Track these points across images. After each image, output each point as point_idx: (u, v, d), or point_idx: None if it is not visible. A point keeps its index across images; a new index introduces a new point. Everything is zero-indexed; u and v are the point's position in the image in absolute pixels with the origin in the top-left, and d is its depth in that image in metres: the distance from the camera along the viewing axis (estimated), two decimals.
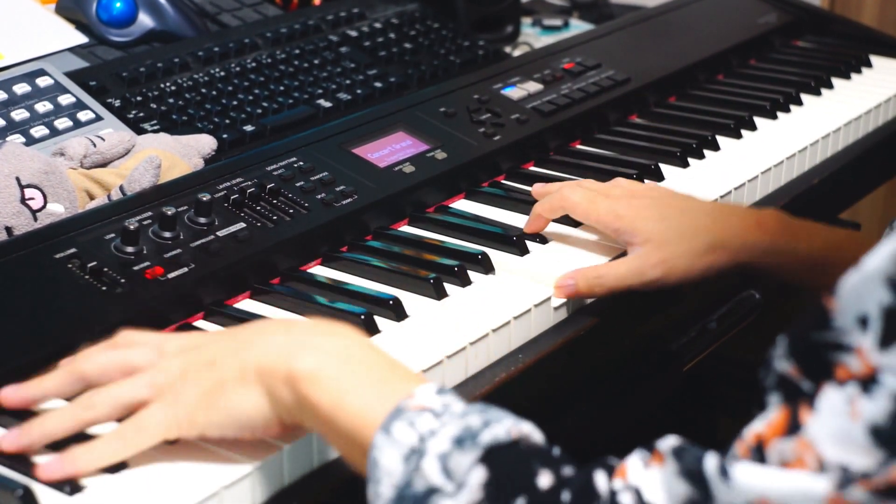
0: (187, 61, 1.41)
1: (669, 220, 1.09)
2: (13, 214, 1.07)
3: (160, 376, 0.82)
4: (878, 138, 1.56)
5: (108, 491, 0.80)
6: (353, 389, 0.78)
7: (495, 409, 0.76)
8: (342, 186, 1.17)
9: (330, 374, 0.79)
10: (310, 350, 0.80)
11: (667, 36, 1.68)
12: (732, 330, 1.33)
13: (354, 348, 0.81)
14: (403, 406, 0.76)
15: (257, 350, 0.81)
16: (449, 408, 0.76)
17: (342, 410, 0.78)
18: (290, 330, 0.83)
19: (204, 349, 0.83)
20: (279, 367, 0.80)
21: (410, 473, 0.73)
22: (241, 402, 0.80)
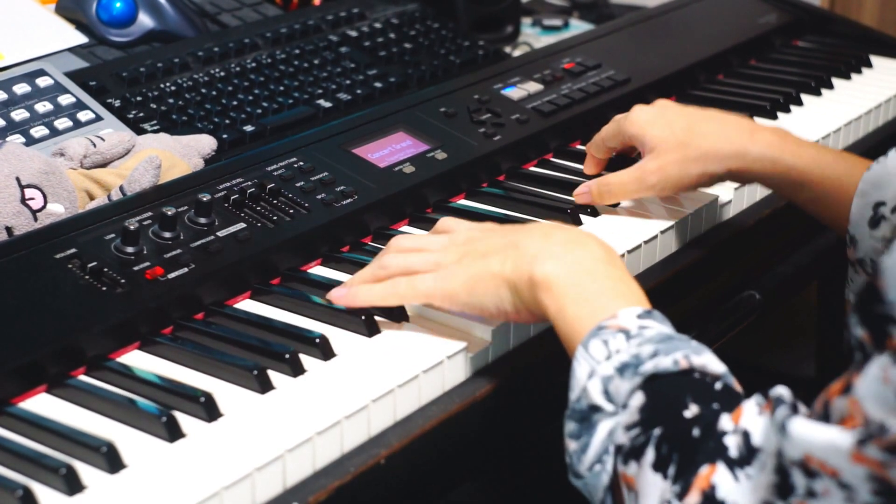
0: (187, 61, 1.41)
1: (675, 126, 1.19)
2: (13, 214, 1.07)
3: (444, 258, 0.96)
4: (878, 138, 1.56)
5: (109, 491, 0.80)
6: (573, 300, 0.88)
7: (680, 339, 0.83)
8: (342, 186, 1.17)
9: (559, 283, 0.89)
10: (550, 258, 0.91)
11: (667, 36, 1.68)
12: (732, 330, 1.32)
13: (589, 262, 0.90)
14: (604, 324, 0.85)
15: (517, 252, 0.93)
16: (643, 331, 0.83)
17: (562, 317, 0.88)
18: (547, 236, 0.94)
19: (482, 242, 0.96)
20: (525, 270, 0.91)
21: (580, 391, 0.83)
22: (497, 293, 0.93)
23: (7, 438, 0.85)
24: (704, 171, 1.17)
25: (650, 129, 1.19)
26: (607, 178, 1.20)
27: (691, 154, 1.17)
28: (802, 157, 1.16)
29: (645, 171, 1.18)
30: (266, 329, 0.99)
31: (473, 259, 0.95)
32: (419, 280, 0.96)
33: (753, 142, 1.16)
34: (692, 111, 1.22)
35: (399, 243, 1.01)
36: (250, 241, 1.07)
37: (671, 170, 1.17)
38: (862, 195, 1.13)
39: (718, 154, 1.16)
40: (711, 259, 1.23)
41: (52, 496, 0.79)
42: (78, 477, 0.80)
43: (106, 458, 0.81)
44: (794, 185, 1.16)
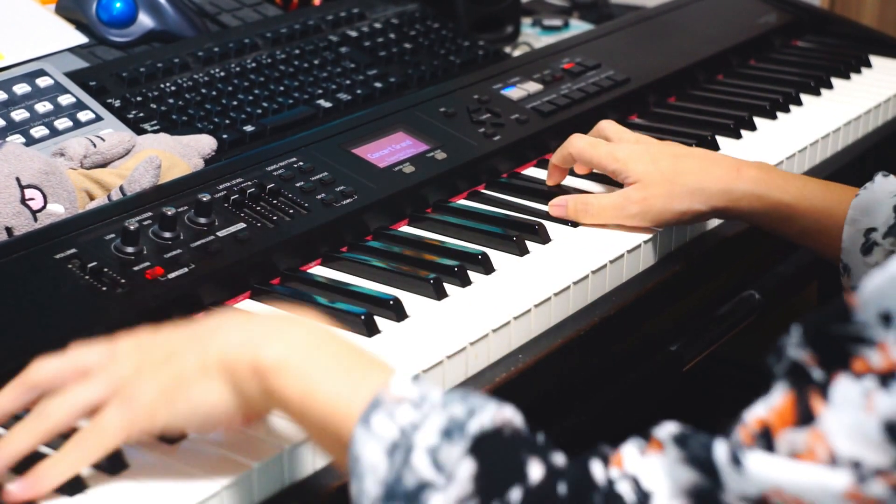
0: (187, 61, 1.41)
1: (660, 163, 1.17)
2: (13, 215, 1.07)
3: (115, 373, 0.79)
4: (878, 138, 1.56)
5: (109, 491, 0.80)
6: (324, 379, 0.76)
7: (475, 395, 0.74)
8: (342, 186, 1.17)
9: (298, 364, 0.77)
10: (275, 340, 0.78)
11: (667, 36, 1.68)
12: (732, 330, 1.33)
13: (320, 337, 0.79)
14: (381, 397, 0.73)
15: (219, 341, 0.79)
16: (427, 397, 0.73)
17: (314, 401, 0.76)
18: (252, 321, 0.81)
19: (160, 344, 0.80)
20: (243, 359, 0.77)
21: (399, 469, 0.71)
22: (203, 395, 0.78)
23: None
24: (689, 209, 1.16)
25: (634, 165, 1.17)
26: (587, 198, 1.19)
27: (676, 190, 1.16)
28: (789, 190, 1.15)
29: (627, 200, 1.17)
30: None
31: (157, 365, 0.78)
32: (104, 420, 0.77)
33: (739, 179, 1.15)
34: (675, 148, 1.21)
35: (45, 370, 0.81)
36: (250, 241, 1.07)
37: (655, 203, 1.16)
38: (852, 223, 1.12)
39: (704, 192, 1.15)
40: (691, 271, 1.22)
41: (53, 496, 0.79)
42: (78, 477, 0.80)
43: (107, 459, 0.81)
44: (782, 220, 1.16)
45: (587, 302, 1.10)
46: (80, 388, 0.79)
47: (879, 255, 1.11)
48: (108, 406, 0.78)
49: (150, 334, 0.82)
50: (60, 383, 0.80)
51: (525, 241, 1.15)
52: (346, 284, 1.07)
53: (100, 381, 0.79)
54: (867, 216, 1.12)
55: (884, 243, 1.10)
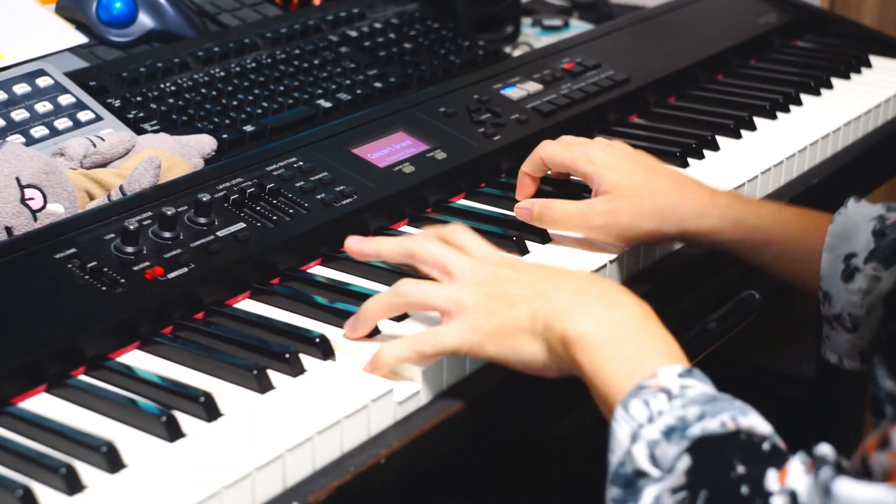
0: (187, 61, 1.41)
1: (633, 175, 1.13)
2: (13, 214, 1.07)
3: (469, 299, 0.91)
4: (878, 138, 1.56)
5: (109, 491, 0.80)
6: (610, 359, 0.85)
7: (725, 399, 0.80)
8: (342, 186, 1.17)
9: (595, 342, 0.86)
10: (585, 316, 0.88)
11: (667, 36, 1.68)
12: (732, 330, 1.32)
13: (626, 319, 0.88)
14: (644, 384, 0.82)
15: (549, 305, 0.89)
16: (685, 391, 0.80)
17: (599, 377, 0.85)
18: (580, 290, 0.90)
19: (509, 287, 0.92)
20: (558, 327, 0.88)
21: (626, 454, 0.79)
22: (526, 347, 0.90)
23: (7, 438, 0.85)
24: (657, 229, 1.12)
25: (608, 173, 1.13)
26: (552, 202, 1.15)
27: (647, 208, 1.11)
28: (764, 216, 1.13)
29: (594, 211, 1.12)
30: (266, 329, 0.99)
31: (500, 306, 0.91)
32: (444, 335, 0.92)
33: (714, 204, 1.12)
34: (652, 165, 1.16)
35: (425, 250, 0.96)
36: (250, 240, 1.07)
37: (622, 217, 1.11)
38: (830, 249, 1.10)
39: (676, 214, 1.11)
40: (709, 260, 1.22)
41: (53, 496, 0.79)
42: (78, 477, 0.80)
43: (106, 458, 0.81)
44: (756, 246, 1.13)
45: None
46: (440, 292, 0.93)
47: (862, 280, 1.09)
48: (452, 322, 0.91)
49: (507, 269, 0.94)
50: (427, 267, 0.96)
51: (525, 240, 1.15)
52: (346, 284, 1.07)
53: (455, 296, 0.92)
54: (845, 242, 1.10)
55: (866, 269, 1.08)
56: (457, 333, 0.91)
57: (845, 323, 1.10)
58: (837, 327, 1.12)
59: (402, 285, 0.95)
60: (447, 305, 0.92)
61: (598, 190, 1.14)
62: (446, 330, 0.92)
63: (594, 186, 1.14)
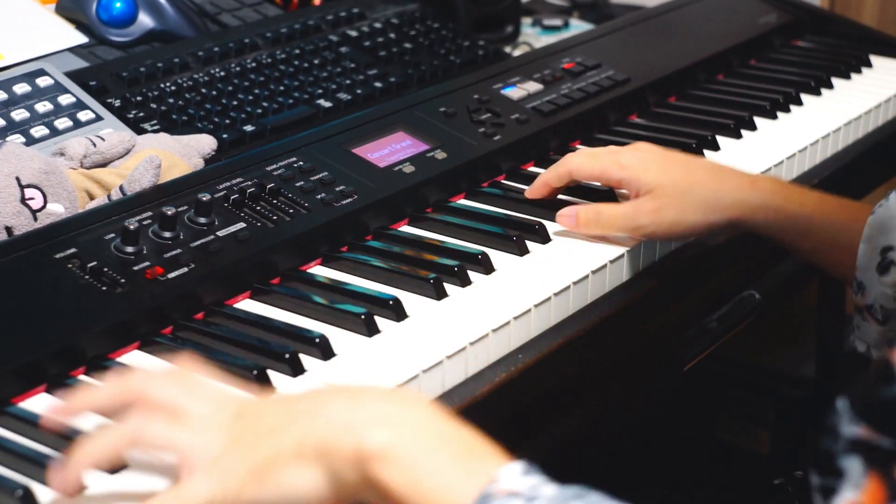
0: (187, 61, 1.41)
1: (670, 172, 1.13)
2: (13, 214, 1.07)
3: (214, 442, 0.75)
4: (878, 138, 1.56)
5: (108, 491, 0.80)
6: (432, 470, 0.71)
7: (592, 493, 0.69)
8: (342, 186, 1.17)
9: (404, 452, 0.71)
10: (379, 425, 0.73)
11: (667, 36, 1.68)
12: (732, 330, 1.33)
13: (429, 421, 0.74)
14: (488, 492, 0.68)
15: (319, 423, 0.74)
16: (538, 491, 0.69)
17: (418, 493, 0.71)
18: (357, 399, 0.75)
19: (261, 417, 0.76)
20: (344, 444, 0.72)
21: None
22: (295, 480, 0.73)
23: (7, 438, 0.85)
24: (703, 219, 1.12)
25: (645, 175, 1.13)
26: (597, 207, 1.15)
27: (690, 201, 1.12)
28: (806, 204, 1.13)
29: (639, 210, 1.12)
30: (266, 329, 0.99)
31: (253, 441, 0.74)
32: (191, 488, 0.74)
33: (755, 190, 1.12)
34: (687, 159, 1.17)
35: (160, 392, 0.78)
36: (250, 240, 1.07)
37: (667, 214, 1.12)
38: (868, 241, 1.10)
39: (720, 202, 1.12)
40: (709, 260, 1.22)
41: (52, 496, 0.79)
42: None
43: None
44: (797, 234, 1.13)
45: (587, 302, 1.10)
46: (184, 435, 0.76)
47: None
48: (197, 474, 0.74)
49: (256, 403, 0.79)
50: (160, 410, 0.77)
51: (525, 240, 1.15)
52: (346, 284, 1.07)
53: (200, 441, 0.75)
54: (883, 235, 1.09)
55: None
56: (205, 488, 0.73)
57: (876, 314, 1.10)
58: (868, 318, 1.11)
59: (136, 422, 0.77)
60: (191, 451, 0.75)
61: (639, 192, 1.13)
62: (193, 486, 0.74)
63: (632, 191, 1.14)
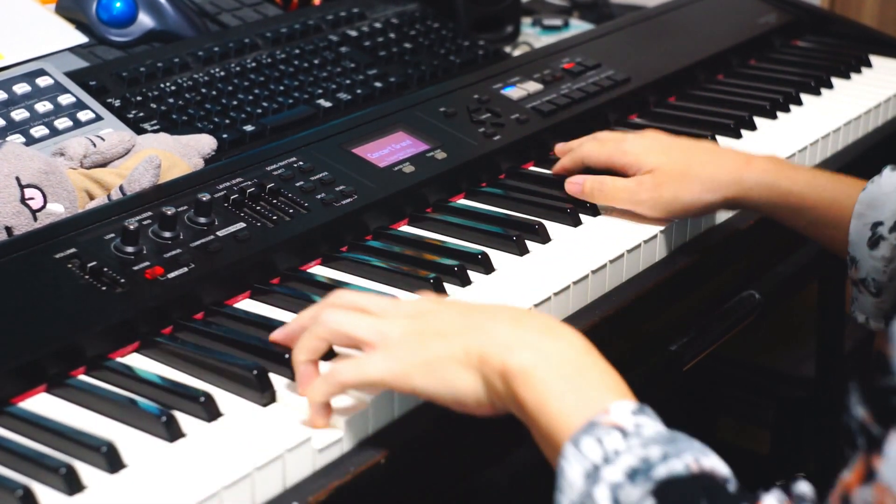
0: (187, 61, 1.41)
1: (671, 153, 1.20)
2: (13, 214, 1.07)
3: (394, 330, 0.85)
4: (878, 138, 1.56)
5: (108, 490, 0.80)
6: (557, 394, 0.79)
7: (683, 439, 0.75)
8: (342, 186, 1.17)
9: (539, 375, 0.80)
10: (527, 348, 0.82)
11: (667, 36, 1.68)
12: (732, 330, 1.33)
13: (570, 352, 0.82)
14: (596, 421, 0.76)
15: (484, 337, 0.83)
16: (640, 430, 0.75)
17: (544, 412, 0.79)
18: (518, 323, 0.84)
19: (435, 318, 0.86)
20: (496, 359, 0.81)
21: (584, 496, 0.74)
22: (459, 380, 0.83)
23: (7, 438, 0.85)
24: (700, 198, 1.18)
25: (646, 157, 1.20)
26: (603, 178, 1.21)
27: (688, 179, 1.18)
28: (798, 181, 1.16)
29: (640, 185, 1.19)
30: (266, 329, 0.99)
31: (428, 337, 0.84)
32: (367, 364, 0.85)
33: (750, 169, 1.17)
34: (685, 141, 1.23)
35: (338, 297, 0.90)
36: (250, 240, 1.07)
37: (665, 190, 1.18)
38: (859, 216, 1.13)
39: (715, 182, 1.17)
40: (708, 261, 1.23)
41: (52, 496, 0.79)
42: (78, 477, 0.80)
43: (106, 458, 0.81)
44: (791, 210, 1.17)
45: (587, 302, 1.10)
46: (362, 322, 0.86)
47: (886, 249, 1.12)
48: (375, 352, 0.85)
49: (428, 303, 0.88)
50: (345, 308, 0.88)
51: (525, 240, 1.15)
52: (346, 284, 1.07)
53: (378, 327, 0.86)
54: (874, 210, 1.13)
55: (890, 237, 1.11)
56: (381, 363, 0.84)
57: (870, 287, 1.14)
58: (863, 290, 1.15)
59: (326, 315, 0.88)
60: (371, 337, 0.86)
61: (640, 173, 1.20)
62: (370, 360, 0.85)
63: (634, 172, 1.20)
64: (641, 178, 1.19)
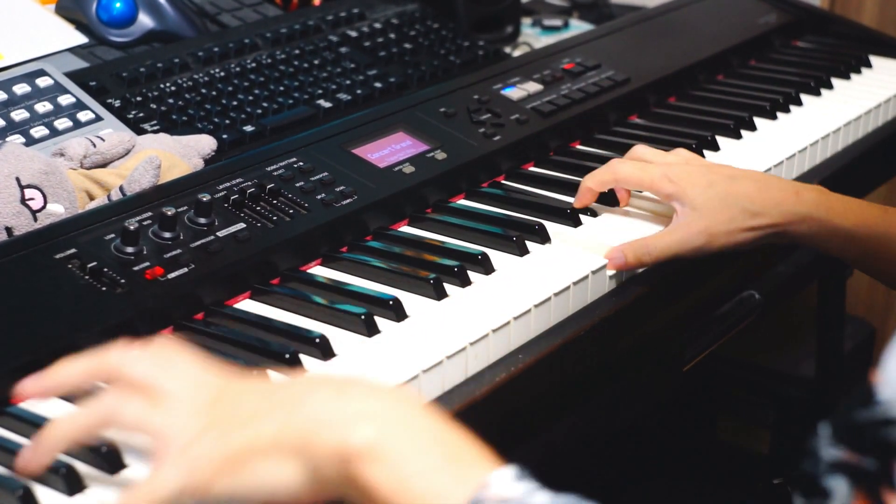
0: (187, 61, 1.41)
1: (716, 186, 1.14)
2: (13, 215, 1.07)
3: (188, 426, 0.72)
4: (878, 138, 1.56)
5: (108, 491, 0.80)
6: (421, 471, 0.68)
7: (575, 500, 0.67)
8: (342, 186, 1.17)
9: (391, 451, 0.68)
10: (366, 419, 0.69)
11: (667, 36, 1.68)
12: (732, 330, 1.33)
13: (419, 419, 0.70)
14: (481, 498, 0.66)
15: (301, 415, 0.70)
16: (530, 498, 0.66)
17: (406, 495, 0.67)
18: (343, 392, 0.72)
19: (239, 403, 0.73)
20: (326, 439, 0.69)
21: None
22: (271, 474, 0.70)
23: (7, 438, 0.85)
24: (750, 234, 1.13)
25: (692, 189, 1.14)
26: (646, 241, 1.13)
27: (736, 214, 1.13)
28: (848, 217, 1.14)
29: (690, 234, 1.13)
30: (266, 329, 0.99)
31: (230, 430, 0.71)
32: (159, 481, 0.71)
33: (799, 202, 1.13)
34: (730, 169, 1.17)
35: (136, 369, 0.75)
36: (250, 241, 1.07)
37: (718, 231, 1.13)
38: None
39: (764, 216, 1.13)
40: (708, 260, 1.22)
41: (52, 496, 0.79)
42: (78, 476, 0.80)
43: (106, 458, 0.81)
44: (841, 245, 1.14)
45: (587, 302, 1.10)
46: (157, 413, 0.73)
47: None
48: (168, 461, 0.71)
49: (236, 386, 0.75)
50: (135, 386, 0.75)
51: (525, 241, 1.15)
52: (346, 284, 1.07)
53: (177, 423, 0.72)
54: None
55: None
56: (173, 475, 0.70)
57: None
58: None
59: (109, 400, 0.75)
60: (162, 434, 0.72)
61: (684, 207, 1.14)
62: (162, 474, 0.71)
63: (677, 204, 1.15)
64: (687, 224, 1.13)
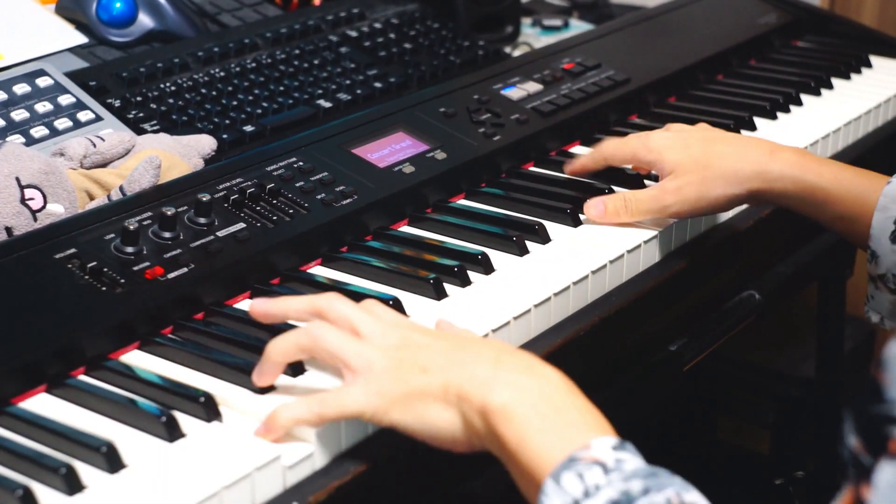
0: (187, 61, 1.41)
1: (691, 149, 1.17)
2: (13, 214, 1.07)
3: (378, 361, 0.85)
4: (878, 138, 1.56)
5: (108, 491, 0.80)
6: (538, 431, 0.79)
7: (665, 474, 0.75)
8: (342, 186, 1.17)
9: (519, 413, 0.80)
10: (507, 386, 0.82)
11: (667, 36, 1.68)
12: (732, 330, 1.32)
13: (550, 390, 0.82)
14: (576, 456, 0.76)
15: (465, 375, 0.83)
16: (621, 465, 0.75)
17: (524, 449, 0.79)
18: (499, 361, 0.84)
19: (421, 353, 0.86)
20: (476, 397, 0.82)
21: None
22: (435, 416, 0.83)
23: (7, 438, 0.85)
24: (724, 193, 1.15)
25: (667, 153, 1.17)
26: (624, 194, 1.18)
27: (710, 175, 1.15)
28: (824, 175, 1.14)
29: (663, 192, 1.16)
30: (266, 330, 0.99)
31: (410, 372, 0.85)
32: (347, 397, 0.85)
33: (774, 161, 1.15)
34: (709, 133, 1.20)
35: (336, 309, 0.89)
36: (250, 241, 1.07)
37: (689, 190, 1.15)
38: (882, 210, 1.12)
39: (738, 175, 1.14)
40: (708, 261, 1.23)
41: (52, 496, 0.79)
42: (78, 477, 0.80)
43: (106, 458, 0.82)
44: (816, 204, 1.15)
45: (587, 302, 1.10)
46: (353, 343, 0.86)
47: None
48: (356, 384, 0.85)
49: (419, 335, 0.88)
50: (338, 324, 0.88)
51: (525, 240, 1.15)
52: (345, 284, 1.07)
53: (366, 355, 0.85)
54: None
55: None
56: (361, 397, 0.84)
57: (889, 283, 1.13)
58: (881, 287, 1.14)
59: (316, 328, 0.88)
60: (356, 362, 0.86)
61: (663, 173, 1.18)
62: (350, 392, 0.85)
63: (660, 172, 1.18)
64: (662, 183, 1.17)
